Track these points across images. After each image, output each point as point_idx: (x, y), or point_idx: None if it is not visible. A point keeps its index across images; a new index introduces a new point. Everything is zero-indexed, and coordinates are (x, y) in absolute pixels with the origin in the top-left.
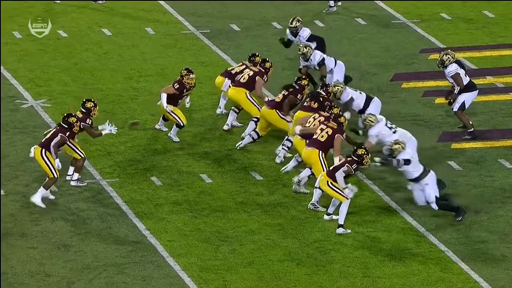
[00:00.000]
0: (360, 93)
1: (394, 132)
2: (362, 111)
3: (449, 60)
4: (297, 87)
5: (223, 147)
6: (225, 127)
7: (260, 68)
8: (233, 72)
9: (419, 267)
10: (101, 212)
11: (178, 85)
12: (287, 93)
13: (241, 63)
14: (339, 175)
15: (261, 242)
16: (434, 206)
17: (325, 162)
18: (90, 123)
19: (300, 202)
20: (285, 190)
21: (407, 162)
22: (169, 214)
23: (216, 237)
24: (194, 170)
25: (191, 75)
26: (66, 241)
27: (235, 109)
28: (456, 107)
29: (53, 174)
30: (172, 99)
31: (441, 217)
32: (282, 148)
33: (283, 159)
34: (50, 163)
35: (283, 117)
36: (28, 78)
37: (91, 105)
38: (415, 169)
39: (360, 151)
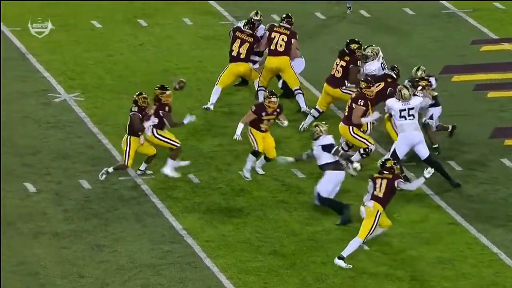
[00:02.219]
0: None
1: None
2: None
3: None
4: (348, 52)
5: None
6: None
7: (291, 29)
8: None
9: (470, 270)
10: (136, 210)
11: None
12: (345, 63)
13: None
14: (413, 186)
15: (303, 243)
16: (316, 201)
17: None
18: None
19: (346, 201)
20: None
21: (325, 148)
22: (206, 213)
23: (256, 237)
24: (232, 167)
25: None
26: (100, 241)
27: (315, 112)
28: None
29: (175, 145)
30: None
31: (493, 218)
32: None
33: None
34: (166, 138)
35: (347, 91)
36: (61, 70)
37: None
38: (328, 158)
39: (389, 163)
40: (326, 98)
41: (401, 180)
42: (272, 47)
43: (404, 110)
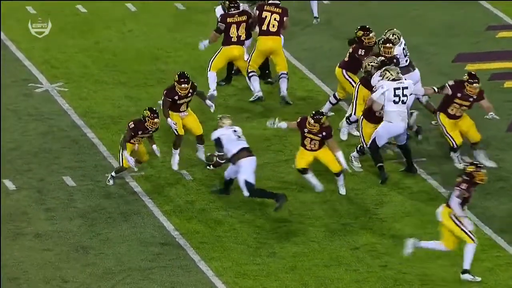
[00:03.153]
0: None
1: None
2: None
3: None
4: (356, 40)
5: (261, 137)
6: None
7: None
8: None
9: (485, 275)
10: (124, 210)
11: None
12: (351, 50)
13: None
14: (455, 203)
15: (305, 245)
16: (245, 193)
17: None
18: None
19: (351, 200)
20: (332, 186)
21: (216, 141)
22: (200, 213)
23: (254, 238)
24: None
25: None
26: (85, 243)
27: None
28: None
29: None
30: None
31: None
32: (346, 122)
33: (346, 136)
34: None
35: (348, 77)
36: (43, 58)
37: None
38: (231, 148)
39: (469, 168)
40: (339, 84)
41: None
42: (264, 27)
43: (399, 89)
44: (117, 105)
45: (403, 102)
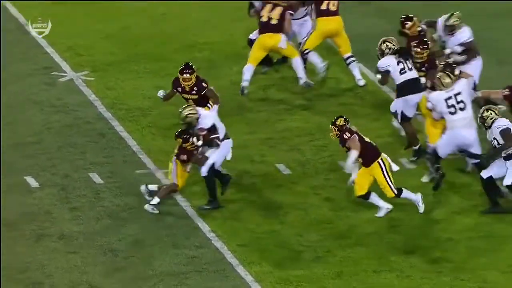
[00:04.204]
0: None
1: None
2: None
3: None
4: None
5: (302, 131)
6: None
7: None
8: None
9: None
10: (156, 210)
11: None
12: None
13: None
14: None
15: (352, 249)
16: (204, 173)
17: None
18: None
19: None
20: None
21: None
22: (238, 213)
23: (297, 241)
24: (268, 159)
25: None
26: (114, 245)
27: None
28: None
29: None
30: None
31: None
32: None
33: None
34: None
35: None
36: (67, 45)
37: None
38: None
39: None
40: None
41: None
42: (323, 6)
43: (450, 98)
44: (147, 95)
45: (462, 109)
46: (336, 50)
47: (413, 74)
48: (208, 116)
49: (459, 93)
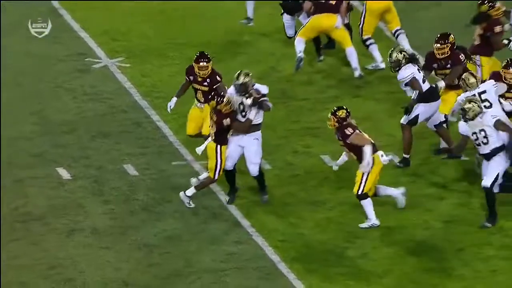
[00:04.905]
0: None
1: None
2: None
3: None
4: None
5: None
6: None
7: None
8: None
9: None
10: (193, 203)
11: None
12: (482, 30)
13: None
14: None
15: (401, 245)
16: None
17: None
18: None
19: (452, 194)
20: (433, 178)
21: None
22: (281, 207)
23: (343, 237)
24: (313, 150)
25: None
26: (149, 240)
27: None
28: (404, 119)
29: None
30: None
31: None
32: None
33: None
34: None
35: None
36: (102, 29)
37: None
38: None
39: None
40: None
41: None
42: None
43: (474, 95)
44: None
45: (488, 107)
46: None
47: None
48: (263, 86)
49: (484, 92)
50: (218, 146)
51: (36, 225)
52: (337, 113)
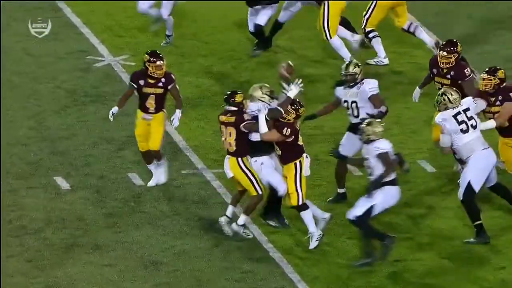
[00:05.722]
0: None
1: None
2: None
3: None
4: None
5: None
6: None
7: None
8: None
9: None
10: (204, 216)
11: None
12: None
13: None
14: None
15: (435, 262)
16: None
17: None
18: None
19: (492, 205)
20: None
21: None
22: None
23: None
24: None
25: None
26: (156, 257)
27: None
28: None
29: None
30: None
31: None
32: None
33: None
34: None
35: None
36: (105, 25)
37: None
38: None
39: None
40: None
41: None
42: None
43: (459, 113)
44: (196, 83)
45: (474, 127)
46: None
47: None
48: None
49: (467, 109)
50: (239, 159)
51: (32, 240)
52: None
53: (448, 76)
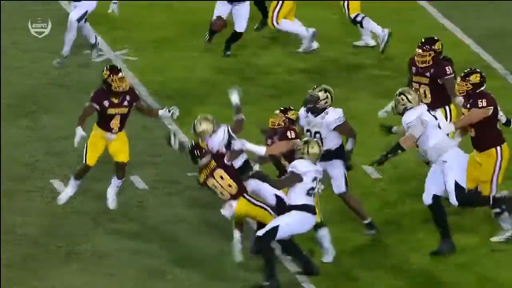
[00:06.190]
0: None
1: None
2: None
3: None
4: None
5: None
6: None
7: None
8: None
9: None
10: (211, 221)
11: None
12: None
13: None
14: None
15: (464, 276)
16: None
17: None
18: None
19: None
20: None
21: None
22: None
23: (391, 264)
24: (355, 159)
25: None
26: (161, 266)
27: None
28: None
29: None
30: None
31: None
32: None
33: None
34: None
35: None
36: (103, 16)
37: None
38: None
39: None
40: None
41: None
42: None
43: (428, 110)
44: (203, 79)
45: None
46: None
47: None
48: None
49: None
50: (246, 195)
51: (28, 248)
52: (288, 113)
53: (427, 74)
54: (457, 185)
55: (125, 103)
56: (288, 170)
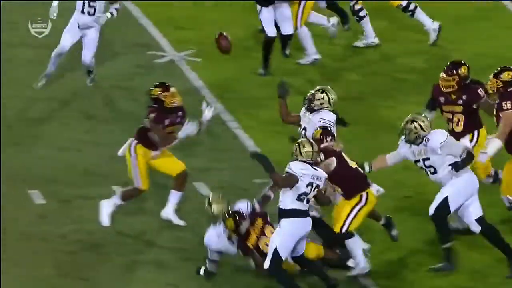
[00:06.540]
0: None
1: None
2: None
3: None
4: None
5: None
6: None
7: None
8: None
9: None
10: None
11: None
12: None
13: None
14: None
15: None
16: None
17: None
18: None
19: None
20: None
21: None
22: (382, 235)
23: (465, 278)
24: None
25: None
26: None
27: None
28: None
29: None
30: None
31: None
32: None
33: None
34: None
35: None
36: (167, 15)
37: None
38: None
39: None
40: None
41: None
42: None
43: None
44: (269, 82)
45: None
46: None
47: None
48: None
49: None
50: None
51: (87, 257)
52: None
53: (460, 101)
54: (444, 202)
55: (179, 119)
56: (285, 170)
